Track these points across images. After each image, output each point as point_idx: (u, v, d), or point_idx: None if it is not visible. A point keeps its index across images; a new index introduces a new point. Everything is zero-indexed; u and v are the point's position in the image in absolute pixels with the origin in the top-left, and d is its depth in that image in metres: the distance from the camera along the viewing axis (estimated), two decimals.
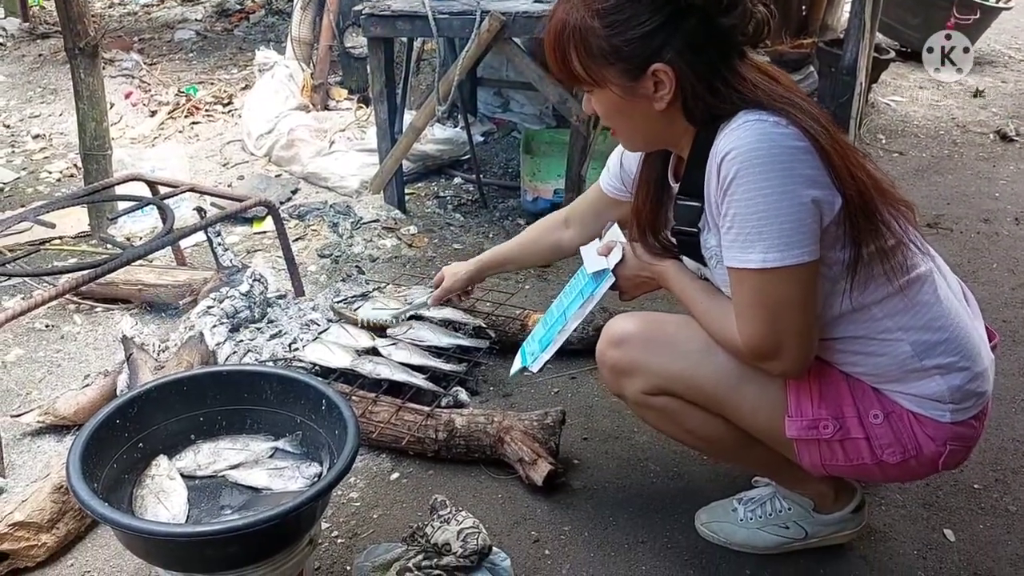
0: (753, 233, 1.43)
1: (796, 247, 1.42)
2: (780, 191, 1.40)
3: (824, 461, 1.65)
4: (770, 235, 1.41)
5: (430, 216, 4.01)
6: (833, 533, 1.93)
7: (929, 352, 1.56)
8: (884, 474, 1.67)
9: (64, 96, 5.65)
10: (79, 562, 1.93)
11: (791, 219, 1.41)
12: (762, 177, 1.40)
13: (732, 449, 1.80)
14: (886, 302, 1.55)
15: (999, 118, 5.40)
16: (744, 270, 1.47)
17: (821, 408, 1.61)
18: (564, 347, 2.67)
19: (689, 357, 1.69)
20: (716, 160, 1.45)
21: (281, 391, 1.74)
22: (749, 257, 1.44)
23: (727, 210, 1.45)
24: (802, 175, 1.40)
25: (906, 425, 1.59)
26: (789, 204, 1.40)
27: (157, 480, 1.63)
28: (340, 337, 2.53)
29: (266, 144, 4.67)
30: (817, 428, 1.61)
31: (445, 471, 2.22)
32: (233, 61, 6.56)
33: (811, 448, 1.64)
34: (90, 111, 3.45)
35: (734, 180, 1.42)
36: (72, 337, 2.91)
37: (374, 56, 3.77)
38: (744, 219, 1.43)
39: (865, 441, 1.60)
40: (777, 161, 1.40)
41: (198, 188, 3.04)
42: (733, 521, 1.97)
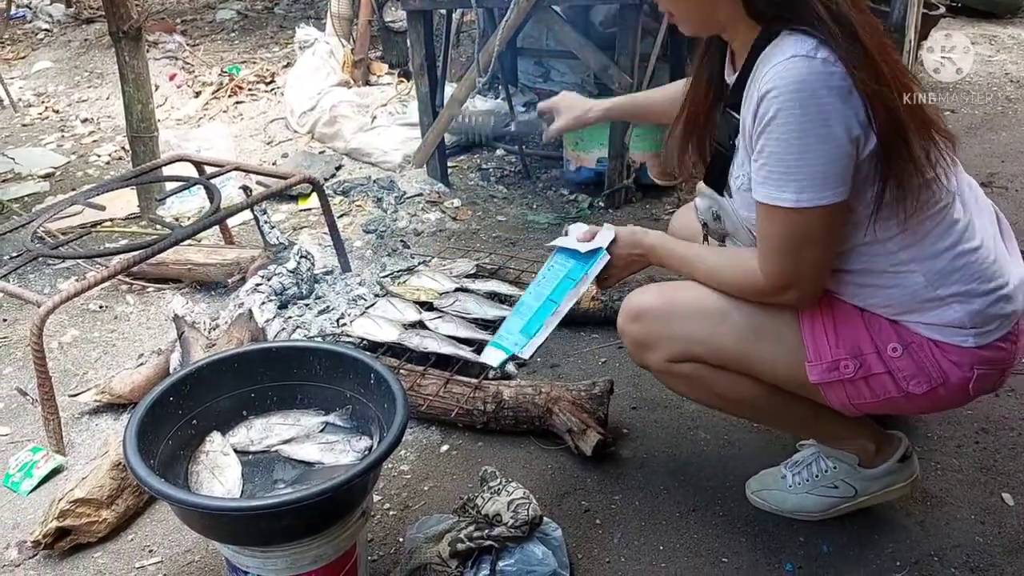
0: (788, 172, 1.44)
1: (829, 188, 1.43)
2: (818, 133, 1.40)
3: (852, 400, 1.64)
4: (805, 176, 1.43)
5: (473, 189, 4.00)
6: (884, 489, 1.89)
7: (943, 281, 1.55)
8: (915, 406, 1.67)
9: (110, 80, 5.72)
10: (139, 537, 1.98)
11: (826, 161, 1.42)
12: (801, 118, 1.40)
13: (767, 408, 1.79)
14: (903, 236, 1.54)
15: None
16: (775, 207, 1.48)
17: (839, 348, 1.60)
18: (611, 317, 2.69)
19: (706, 320, 1.70)
20: (759, 91, 1.45)
21: (330, 366, 1.75)
22: (783, 196, 1.46)
23: (763, 146, 1.46)
24: (841, 116, 1.40)
25: (928, 354, 1.58)
26: (826, 146, 1.41)
27: (211, 456, 1.65)
28: (387, 311, 2.54)
29: (309, 121, 4.69)
30: (838, 369, 1.60)
31: (494, 443, 2.23)
32: (274, 39, 6.59)
33: (836, 390, 1.63)
34: (136, 94, 3.49)
35: (773, 119, 1.42)
36: (125, 317, 2.97)
37: (413, 30, 3.76)
38: (780, 158, 1.44)
39: (888, 375, 1.59)
40: (817, 103, 1.39)
41: (243, 167, 3.06)
42: (783, 488, 1.96)
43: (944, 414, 2.25)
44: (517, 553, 1.71)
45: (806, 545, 1.87)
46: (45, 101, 5.67)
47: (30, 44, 6.81)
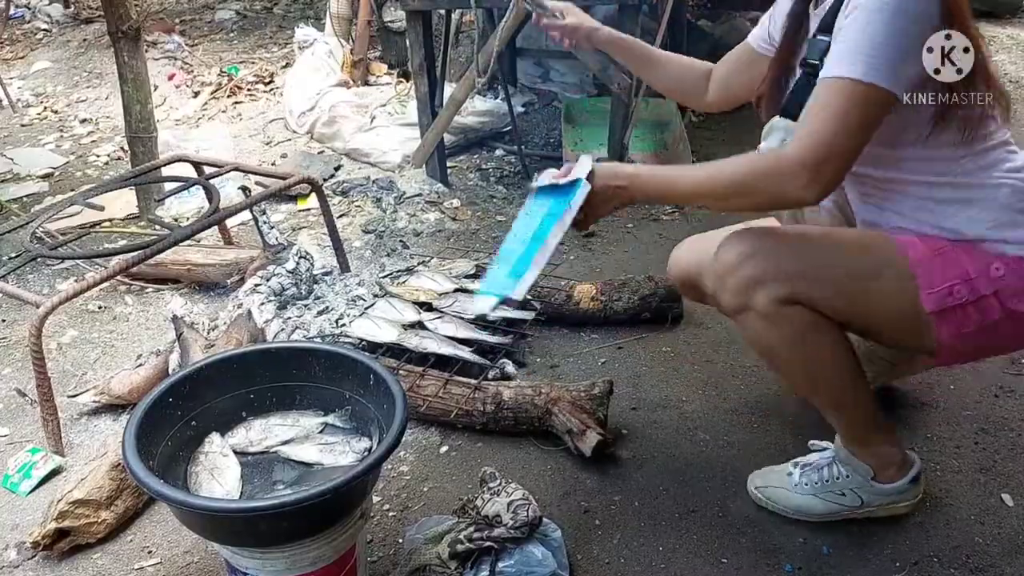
0: (865, 50, 1.47)
1: (895, 75, 1.48)
2: (901, 22, 1.46)
3: (961, 329, 1.63)
4: (880, 55, 1.46)
5: (472, 189, 4.00)
6: (890, 503, 1.90)
7: None
8: (1012, 333, 1.67)
9: (109, 80, 5.72)
10: (138, 538, 1.98)
11: (903, 50, 1.48)
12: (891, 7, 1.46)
13: (839, 381, 1.77)
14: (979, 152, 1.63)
15: None
16: (843, 79, 1.48)
17: (948, 274, 1.62)
18: (611, 318, 2.69)
19: (821, 252, 1.69)
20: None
21: (329, 367, 1.75)
22: (854, 68, 1.47)
23: (847, 26, 1.50)
24: (926, 15, 1.48)
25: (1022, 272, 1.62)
26: (905, 37, 1.48)
27: (211, 457, 1.65)
28: (386, 312, 2.54)
29: (308, 121, 4.69)
30: (952, 294, 1.61)
31: (493, 443, 2.23)
32: (273, 39, 6.59)
33: (949, 319, 1.63)
34: (135, 94, 3.48)
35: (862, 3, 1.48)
36: (124, 318, 2.96)
37: (412, 30, 3.76)
38: (860, 35, 1.47)
39: (994, 296, 1.61)
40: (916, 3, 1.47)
41: (242, 167, 3.05)
42: (787, 486, 1.96)
43: (944, 413, 2.25)
44: (517, 554, 1.71)
45: (805, 546, 1.87)
46: (44, 101, 5.66)
47: (29, 44, 6.81)
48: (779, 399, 2.36)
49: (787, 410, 2.32)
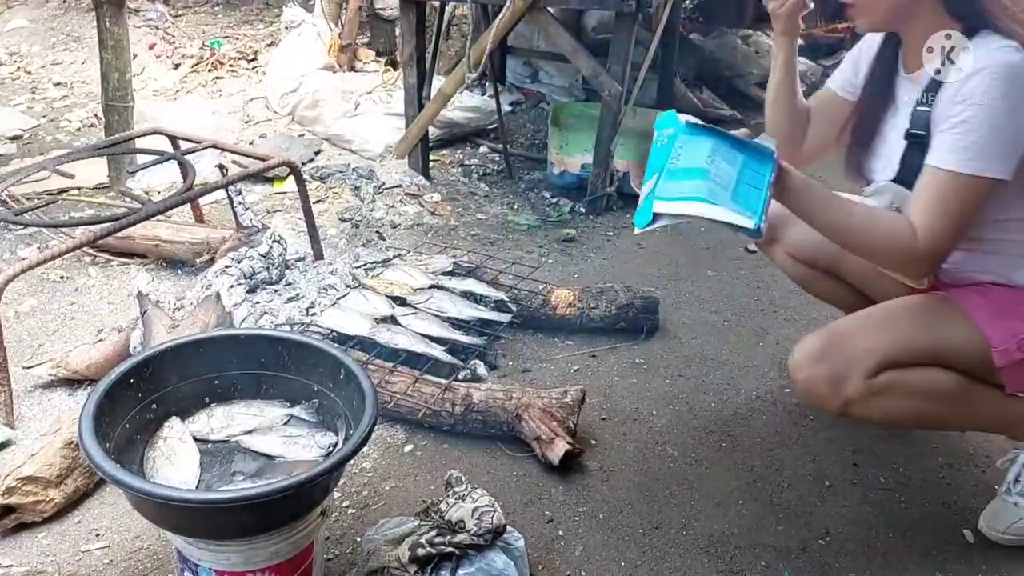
0: (983, 143, 1.55)
1: (1007, 164, 1.57)
2: (1015, 110, 1.54)
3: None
4: (997, 148, 1.56)
5: (454, 184, 3.96)
6: None
7: None
8: None
9: (87, 44, 5.61)
10: (86, 519, 1.91)
11: (1012, 142, 1.56)
12: (1008, 94, 1.53)
13: (965, 398, 1.79)
14: None
15: None
16: (961, 174, 1.57)
17: (1015, 328, 1.71)
18: (586, 325, 2.67)
19: (880, 326, 1.77)
20: (968, 71, 1.57)
21: (299, 358, 1.70)
22: (961, 162, 1.57)
23: (961, 112, 1.57)
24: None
25: None
26: (1017, 125, 1.55)
27: (169, 442, 1.59)
28: (359, 304, 2.49)
29: (290, 103, 4.62)
30: (1020, 348, 1.70)
31: (460, 445, 2.19)
32: (260, 16, 6.50)
33: (1017, 371, 1.72)
34: (113, 61, 3.40)
35: (982, 92, 1.54)
36: (87, 290, 2.89)
37: (405, 19, 3.71)
38: (980, 128, 1.55)
39: None
40: (1021, 87, 1.54)
41: (220, 145, 2.99)
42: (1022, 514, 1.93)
43: (912, 447, 2.24)
44: (478, 561, 1.67)
45: (767, 570, 1.85)
46: (17, 61, 5.53)
47: (6, 1, 6.66)
48: (748, 418, 2.35)
49: (756, 429, 2.30)
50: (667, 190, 1.57)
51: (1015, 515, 1.93)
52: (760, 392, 2.48)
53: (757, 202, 1.56)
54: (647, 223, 1.56)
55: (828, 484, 2.11)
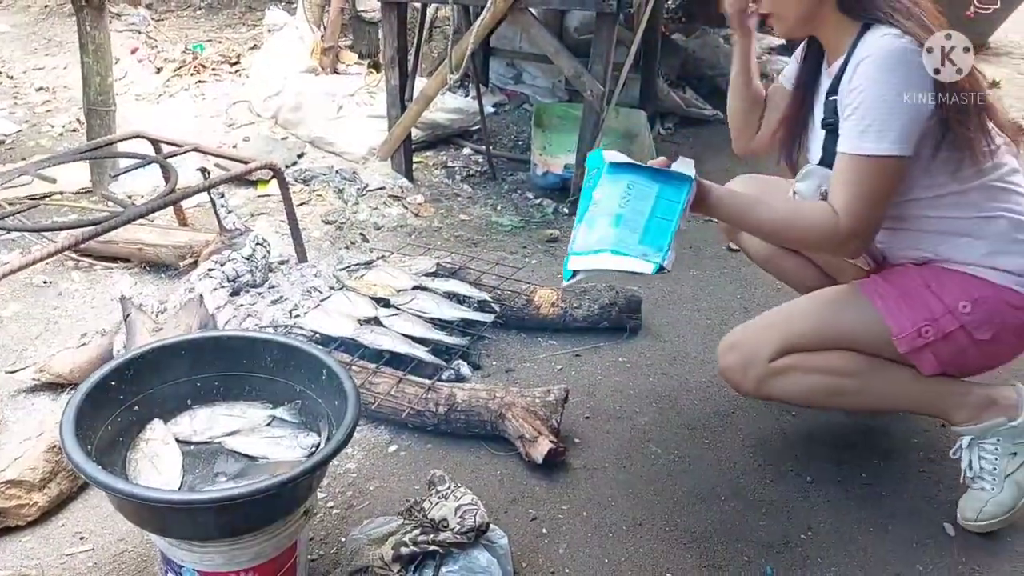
0: (879, 124, 1.66)
1: (907, 141, 1.67)
2: (904, 91, 1.64)
3: (939, 360, 1.83)
4: (893, 128, 1.65)
5: (437, 186, 3.96)
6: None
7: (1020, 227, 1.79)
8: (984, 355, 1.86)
9: (69, 49, 5.58)
10: (70, 522, 1.91)
11: (910, 117, 1.66)
12: (891, 77, 1.65)
13: (872, 374, 1.90)
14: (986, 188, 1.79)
15: (1015, 110, 5.33)
16: (865, 156, 1.69)
17: (916, 317, 1.81)
18: (570, 325, 2.69)
19: (780, 316, 1.93)
20: (858, 59, 1.70)
21: (281, 359, 1.71)
22: (865, 145, 1.68)
23: (855, 99, 1.68)
24: (922, 83, 1.66)
25: (993, 304, 1.79)
26: (910, 104, 1.65)
27: (151, 444, 1.60)
28: (342, 305, 2.49)
29: (273, 106, 4.61)
30: (920, 335, 1.81)
31: (444, 445, 2.20)
32: (242, 20, 6.49)
33: (925, 354, 1.83)
34: (95, 65, 3.39)
35: (867, 75, 1.66)
36: (70, 294, 2.88)
37: (387, 21, 3.71)
38: (873, 111, 1.66)
39: (961, 329, 1.80)
40: (906, 67, 1.65)
41: (202, 148, 2.98)
42: (993, 497, 1.96)
43: (893, 441, 2.26)
44: (461, 559, 1.68)
45: (750, 565, 1.87)
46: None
47: None
48: (730, 415, 2.37)
49: (738, 426, 2.32)
50: (583, 243, 1.71)
51: (982, 500, 1.97)
52: None
53: (664, 237, 1.66)
54: (569, 277, 1.72)
55: (810, 480, 2.13)
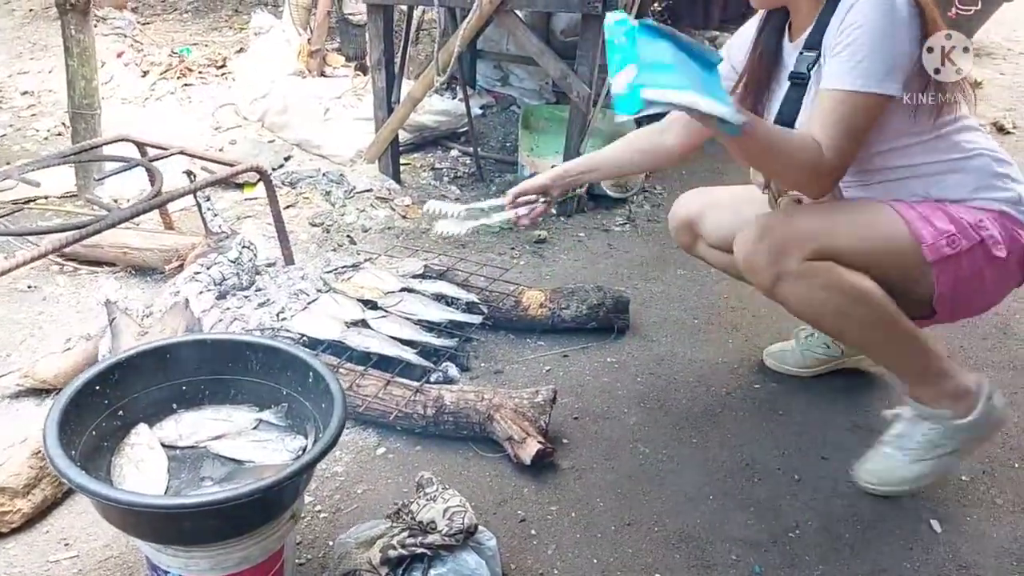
0: (865, 60, 1.71)
1: (896, 81, 1.74)
2: (896, 32, 1.71)
3: (957, 276, 1.85)
4: (882, 65, 1.72)
5: (425, 188, 3.96)
6: (982, 434, 2.03)
7: (1002, 162, 1.90)
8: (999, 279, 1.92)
9: (54, 53, 5.55)
10: (55, 529, 1.90)
11: (899, 56, 1.73)
12: (884, 18, 1.71)
13: (883, 321, 1.90)
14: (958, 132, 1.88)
15: (996, 110, 5.37)
16: (846, 91, 1.73)
17: (943, 226, 1.83)
18: (558, 326, 2.68)
19: (823, 215, 1.90)
20: (848, 4, 1.76)
21: (267, 362, 1.70)
22: (856, 80, 1.72)
23: (848, 36, 1.73)
24: (912, 25, 1.73)
25: (1005, 222, 1.86)
26: (901, 45, 1.72)
27: (137, 449, 1.58)
28: (329, 308, 2.49)
29: (260, 109, 4.60)
30: (949, 244, 1.83)
31: (432, 447, 2.19)
32: (228, 23, 6.47)
33: (947, 269, 1.84)
34: (80, 69, 3.38)
35: (863, 14, 1.72)
36: (54, 299, 2.86)
37: (373, 24, 3.71)
38: (862, 46, 1.71)
39: (980, 244, 1.84)
40: (895, 10, 1.71)
41: (188, 151, 2.97)
42: (895, 466, 2.05)
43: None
44: (450, 562, 1.67)
45: (738, 564, 1.87)
46: None
47: None
48: (718, 414, 2.37)
49: (726, 425, 2.32)
50: (652, 80, 1.54)
51: (887, 466, 2.07)
52: (730, 388, 2.50)
53: (724, 96, 1.59)
54: (636, 109, 1.53)
55: (797, 478, 2.13)
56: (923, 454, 2.03)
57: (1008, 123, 5.07)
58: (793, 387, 2.50)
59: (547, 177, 2.28)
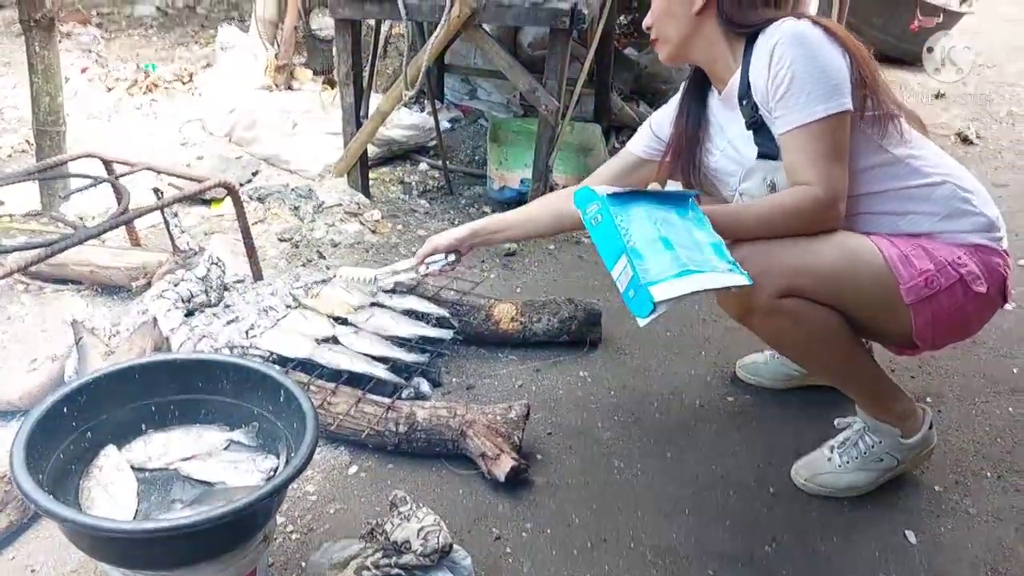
0: (814, 90, 1.75)
1: (845, 95, 1.77)
2: (824, 55, 1.76)
3: (936, 316, 1.85)
4: (826, 88, 1.75)
5: (394, 202, 3.94)
6: (917, 455, 2.12)
7: (965, 186, 1.90)
8: (975, 314, 1.92)
9: (18, 69, 5.48)
10: (20, 555, 1.85)
11: (836, 73, 1.76)
12: (809, 48, 1.76)
13: (846, 357, 1.97)
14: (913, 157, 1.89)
15: (959, 120, 5.45)
16: (813, 123, 1.76)
17: (921, 265, 1.83)
18: (530, 339, 2.68)
19: (802, 248, 1.85)
20: (768, 49, 1.79)
21: (238, 380, 1.68)
22: (815, 109, 1.75)
23: (784, 79, 1.77)
24: (834, 46, 1.79)
25: (980, 256, 1.87)
26: (833, 63, 1.76)
27: (105, 472, 1.56)
28: (299, 324, 2.46)
29: (227, 124, 4.57)
30: (927, 285, 1.82)
31: (405, 465, 2.17)
32: (195, 38, 6.43)
33: (925, 309, 1.84)
34: (44, 85, 3.33)
35: (788, 55, 1.76)
36: (19, 318, 2.81)
37: (341, 38, 3.69)
38: (804, 80, 1.75)
39: (959, 282, 1.84)
40: (816, 38, 1.77)
41: (155, 167, 2.94)
42: (832, 469, 2.11)
43: None
44: None
45: None
46: None
47: None
48: (692, 427, 2.37)
49: (700, 438, 2.33)
50: (651, 273, 1.55)
51: (824, 468, 2.13)
52: (703, 401, 2.50)
53: (723, 251, 1.65)
54: (650, 312, 1.54)
55: (772, 491, 2.14)
56: (862, 464, 2.09)
57: (971, 133, 5.14)
58: (766, 399, 2.51)
59: (455, 237, 2.28)
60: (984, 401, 2.53)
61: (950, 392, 2.57)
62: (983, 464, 2.27)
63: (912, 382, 2.56)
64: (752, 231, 1.84)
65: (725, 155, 2.04)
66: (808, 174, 1.78)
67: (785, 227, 1.83)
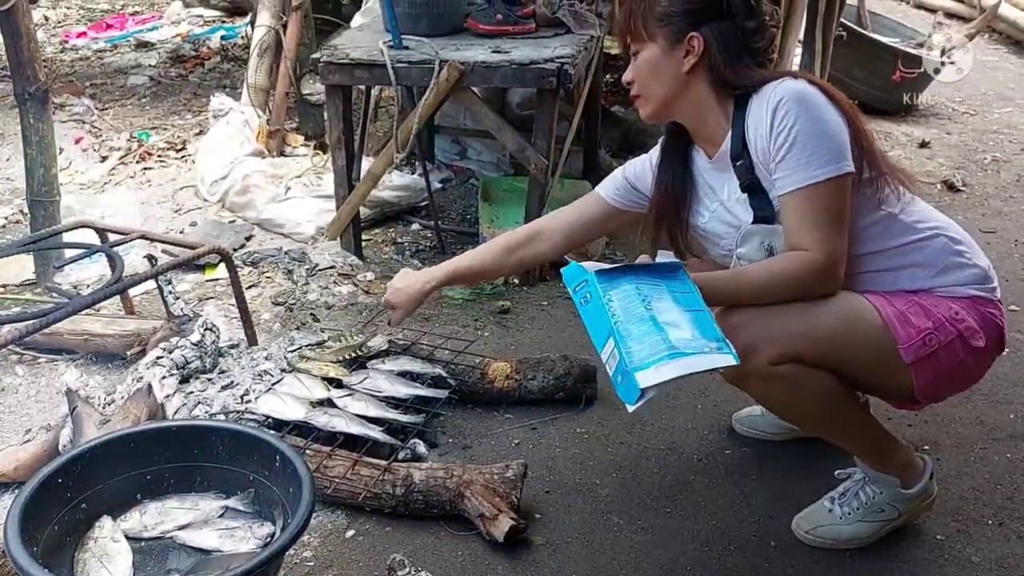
0: (816, 152, 1.74)
1: (846, 158, 1.77)
2: (826, 117, 1.77)
3: (936, 373, 1.85)
4: (828, 151, 1.75)
5: (387, 262, 3.96)
6: (918, 505, 2.11)
7: (958, 240, 1.91)
8: (976, 366, 1.92)
9: (12, 141, 5.53)
10: None
11: (837, 136, 1.77)
12: (811, 109, 1.76)
13: (842, 417, 1.98)
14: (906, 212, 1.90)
15: (945, 168, 5.50)
16: (814, 185, 1.75)
17: (920, 324, 1.82)
18: (525, 397, 2.67)
19: (800, 314, 1.83)
20: (770, 108, 1.79)
21: (233, 446, 1.68)
22: (816, 172, 1.75)
23: (786, 139, 1.76)
24: (831, 105, 1.80)
25: (977, 309, 1.87)
26: (835, 126, 1.77)
27: (100, 543, 1.55)
28: (294, 388, 2.46)
29: (220, 190, 4.60)
30: (926, 344, 1.82)
31: (403, 528, 2.16)
32: (187, 107, 6.49)
33: (925, 367, 1.83)
34: (39, 157, 3.36)
35: (789, 113, 1.75)
36: (13, 389, 2.80)
37: (332, 103, 3.75)
38: (804, 141, 1.74)
39: (958, 338, 1.83)
40: (817, 98, 1.79)
41: (149, 235, 2.96)
42: (834, 521, 2.09)
43: None
44: None
45: None
46: None
47: None
48: (691, 482, 2.36)
49: (700, 492, 2.32)
50: (637, 358, 1.55)
51: (826, 520, 2.11)
52: (701, 455, 2.49)
53: (712, 327, 1.61)
54: (637, 398, 1.54)
55: (774, 545, 2.13)
56: (863, 515, 2.08)
57: (957, 181, 5.19)
58: (764, 451, 2.50)
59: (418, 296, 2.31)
60: (982, 448, 2.52)
61: (947, 440, 2.56)
62: (984, 512, 2.26)
63: (909, 431, 2.55)
64: (749, 298, 1.84)
65: (717, 217, 2.01)
66: (807, 239, 1.77)
67: (783, 294, 1.82)
